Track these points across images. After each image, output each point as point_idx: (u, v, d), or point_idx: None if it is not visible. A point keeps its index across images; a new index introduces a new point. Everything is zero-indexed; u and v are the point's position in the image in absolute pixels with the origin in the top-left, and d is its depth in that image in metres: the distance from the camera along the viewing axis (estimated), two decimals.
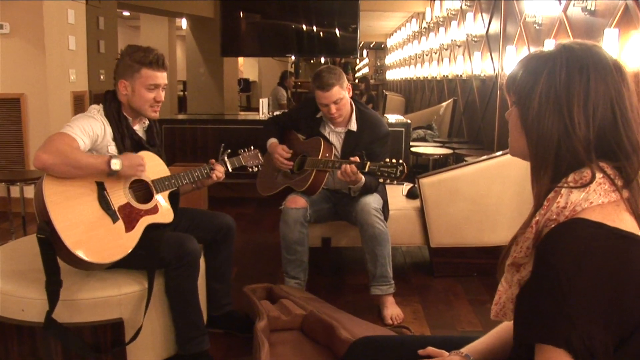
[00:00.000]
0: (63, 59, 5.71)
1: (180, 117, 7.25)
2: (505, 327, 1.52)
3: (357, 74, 22.46)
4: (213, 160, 2.87)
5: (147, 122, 2.77)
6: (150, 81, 2.60)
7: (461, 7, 7.87)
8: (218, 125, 6.22)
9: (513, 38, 5.67)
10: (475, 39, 7.13)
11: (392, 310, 3.33)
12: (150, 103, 2.63)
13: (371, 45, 22.53)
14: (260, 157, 3.18)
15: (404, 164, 3.05)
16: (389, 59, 18.26)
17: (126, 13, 12.27)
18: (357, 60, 22.13)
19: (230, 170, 2.93)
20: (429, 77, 10.15)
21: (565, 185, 1.17)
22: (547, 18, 4.83)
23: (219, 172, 2.83)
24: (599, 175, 1.16)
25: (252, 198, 5.75)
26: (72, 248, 2.23)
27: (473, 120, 7.31)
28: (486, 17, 6.78)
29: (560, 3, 4.54)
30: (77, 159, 2.31)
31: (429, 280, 3.96)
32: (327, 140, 3.48)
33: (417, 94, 11.94)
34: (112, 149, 2.56)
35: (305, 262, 3.45)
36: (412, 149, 6.11)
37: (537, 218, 1.20)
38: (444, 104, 8.14)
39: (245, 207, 5.80)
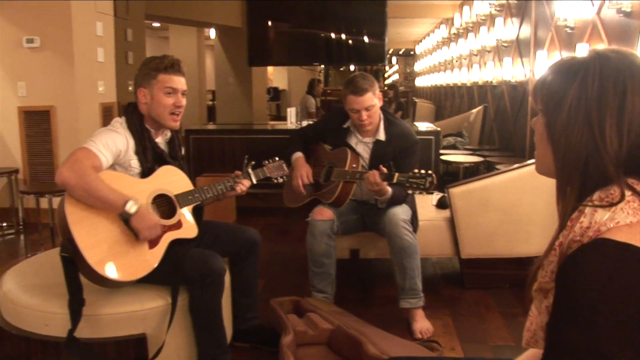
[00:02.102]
0: (91, 70, 5.75)
1: (209, 127, 7.25)
2: (534, 354, 1.43)
3: (387, 81, 22.37)
4: (238, 173, 2.83)
5: (168, 134, 2.74)
6: (167, 84, 2.57)
7: (491, 12, 7.76)
8: (246, 135, 6.19)
9: (544, 43, 5.56)
10: (506, 44, 7.02)
11: (422, 324, 3.25)
12: (170, 109, 2.59)
13: (400, 52, 22.45)
14: (285, 168, 3.12)
15: (433, 175, 2.97)
16: (418, 66, 18.15)
17: (156, 24, 12.37)
18: (387, 68, 22.05)
19: (254, 182, 2.89)
20: (459, 84, 10.04)
21: (590, 203, 1.08)
22: (579, 21, 4.71)
23: (242, 185, 2.79)
24: (627, 193, 1.07)
25: (281, 208, 5.65)
26: (95, 266, 2.20)
27: (504, 127, 7.18)
28: (516, 21, 6.66)
29: (593, 4, 4.42)
30: (97, 189, 2.28)
31: (460, 292, 3.87)
32: (354, 150, 3.41)
33: (447, 100, 11.82)
34: (135, 162, 2.53)
35: (332, 275, 3.39)
36: (442, 157, 6.01)
37: (560, 239, 1.11)
38: (474, 110, 8.02)
39: (273, 217, 5.76)
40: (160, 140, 2.70)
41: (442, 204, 4.03)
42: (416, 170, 3.00)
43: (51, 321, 2.38)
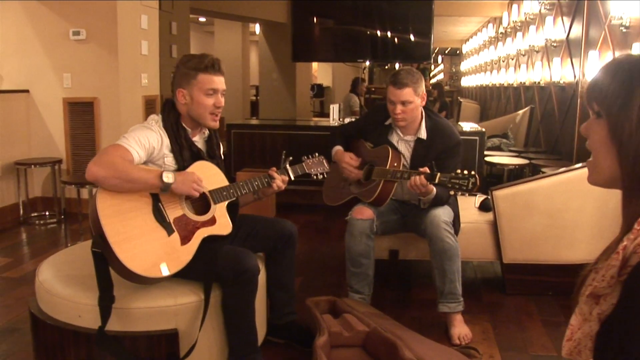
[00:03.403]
0: (135, 63, 5.79)
1: (251, 122, 7.24)
2: None
3: (432, 80, 22.17)
4: (274, 169, 2.77)
5: (207, 132, 2.70)
6: (208, 85, 2.53)
7: (540, 10, 7.56)
8: (288, 131, 6.15)
9: (596, 42, 5.37)
10: (555, 44, 6.82)
11: (460, 330, 3.16)
12: (211, 110, 2.56)
13: (446, 52, 22.17)
14: (326, 165, 3.05)
15: (476, 176, 2.88)
16: (464, 65, 17.90)
17: (202, 19, 12.46)
18: (432, 67, 21.83)
19: (292, 178, 2.83)
20: (505, 84, 9.83)
21: None
22: (635, 20, 4.53)
23: (279, 181, 2.73)
24: None
25: (321, 206, 5.61)
26: (126, 263, 2.17)
27: (551, 129, 6.99)
28: (567, 20, 6.46)
29: None
30: (128, 172, 2.26)
31: (501, 297, 3.75)
32: (395, 149, 3.34)
33: (492, 101, 11.60)
34: (169, 160, 2.50)
35: (370, 276, 3.32)
36: (486, 159, 5.87)
37: (624, 243, 1.05)
38: (521, 111, 7.83)
39: (313, 214, 5.71)
40: (198, 139, 2.66)
41: (485, 207, 3.92)
42: (459, 171, 2.91)
43: (84, 312, 2.36)
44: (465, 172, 2.89)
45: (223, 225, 2.50)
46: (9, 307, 3.52)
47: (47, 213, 5.66)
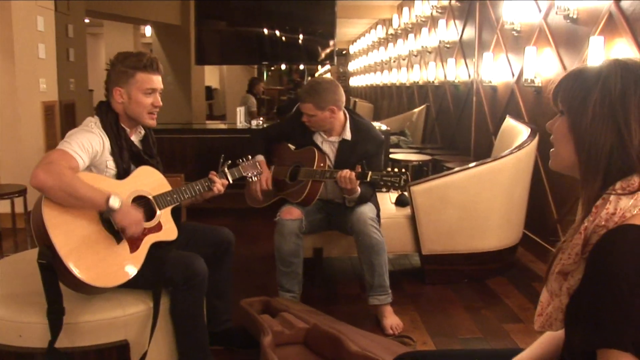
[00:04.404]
0: (33, 67, 5.53)
1: (158, 127, 7.08)
2: (549, 338, 1.52)
3: None
4: (213, 173, 2.77)
5: (142, 131, 2.67)
6: (146, 85, 2.50)
7: (432, 13, 7.91)
8: (195, 135, 6.10)
9: (489, 45, 5.72)
10: (448, 46, 7.18)
11: (392, 320, 3.29)
12: (149, 109, 2.53)
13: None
14: (259, 167, 3.09)
15: (407, 173, 3.02)
16: (352, 66, 18.32)
17: (86, 20, 12.03)
18: (319, 67, 22.10)
19: (231, 181, 2.85)
20: (397, 84, 10.19)
21: (614, 192, 1.20)
22: (526, 25, 4.87)
23: (219, 184, 2.74)
24: None
25: (230, 209, 5.64)
26: (77, 273, 2.11)
27: (447, 126, 7.35)
28: (459, 23, 6.82)
29: (540, 10, 4.58)
30: (76, 189, 2.18)
31: (421, 287, 3.94)
32: (320, 150, 3.42)
33: (384, 100, 11.98)
34: (111, 163, 2.44)
35: (300, 275, 3.40)
36: (391, 156, 6.09)
37: (585, 224, 1.22)
38: (417, 110, 8.17)
39: (223, 218, 5.67)
40: (135, 139, 2.62)
41: (401, 202, 4.09)
42: (389, 169, 3.04)
43: (25, 332, 2.26)
44: (396, 169, 3.02)
45: (169, 230, 2.48)
46: None
47: None
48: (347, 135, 3.42)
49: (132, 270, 2.29)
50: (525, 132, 4.11)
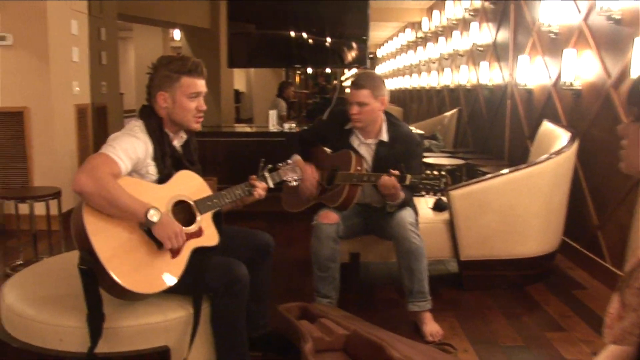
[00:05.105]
0: (67, 70, 5.57)
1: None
2: (617, 352, 1.43)
3: (345, 83, 22.39)
4: (254, 177, 2.73)
5: (184, 137, 2.64)
6: (191, 89, 2.47)
7: (464, 16, 7.83)
8: (229, 139, 6.09)
9: (525, 47, 5.62)
10: (481, 48, 7.08)
11: (431, 327, 3.23)
12: (193, 113, 2.50)
13: None
14: (298, 171, 3.03)
15: (448, 176, 2.96)
16: (379, 69, 18.24)
17: None
18: (345, 70, 22.04)
19: (272, 186, 2.80)
20: (427, 87, 10.10)
21: None
22: (564, 26, 4.77)
23: (260, 189, 2.70)
24: None
25: (264, 212, 5.59)
26: (118, 279, 2.08)
27: (479, 130, 7.25)
28: (493, 26, 6.73)
29: (579, 11, 4.48)
30: (117, 197, 2.15)
31: (459, 293, 3.87)
32: (357, 152, 3.37)
33: (412, 103, 11.89)
34: (152, 169, 2.41)
35: (337, 280, 3.35)
36: (424, 160, 6.01)
37: None
38: (448, 113, 8.07)
39: (258, 222, 5.63)
40: (177, 144, 2.59)
41: (439, 207, 4.01)
42: (428, 172, 2.99)
43: (66, 336, 2.24)
44: (435, 172, 2.97)
45: (210, 236, 2.44)
46: None
47: None
48: (384, 136, 3.36)
49: (173, 277, 2.26)
50: (564, 137, 4.03)
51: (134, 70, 12.48)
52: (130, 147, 2.31)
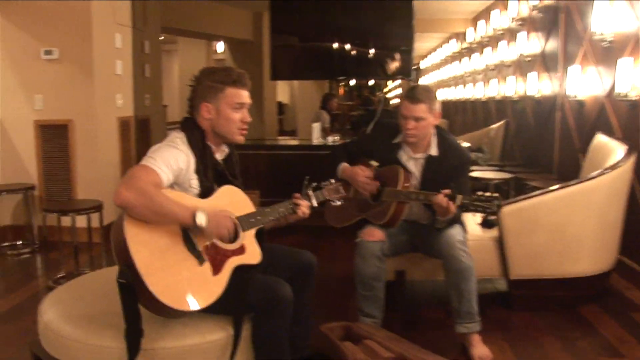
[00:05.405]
0: (110, 83, 5.60)
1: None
2: None
3: (389, 95, 22.31)
4: (297, 195, 2.64)
5: (226, 150, 2.57)
6: (236, 100, 2.41)
7: (510, 26, 7.64)
8: (270, 151, 6.03)
9: (575, 57, 5.43)
10: (529, 59, 6.89)
11: (480, 350, 3.08)
12: (238, 125, 2.44)
13: None
14: (342, 191, 2.91)
15: (500, 197, 2.82)
16: (423, 81, 18.06)
17: (160, 37, 12.29)
18: (388, 82, 21.94)
19: (315, 205, 2.70)
20: (472, 99, 9.92)
21: None
22: (619, 34, 4.58)
23: (305, 207, 2.61)
24: None
25: (304, 226, 5.51)
26: (158, 295, 2.01)
27: (527, 143, 7.05)
28: (541, 35, 6.54)
29: (637, 18, 4.29)
30: (161, 205, 2.09)
31: (508, 314, 3.70)
32: (405, 168, 3.25)
33: (457, 115, 11.71)
34: (194, 182, 2.35)
35: (381, 299, 3.23)
36: (470, 174, 5.85)
37: None
38: (495, 125, 7.88)
39: (300, 236, 5.55)
40: (218, 157, 2.52)
41: (487, 223, 3.86)
42: (480, 192, 2.85)
43: (103, 355, 2.18)
44: (488, 193, 2.83)
45: (253, 253, 2.36)
46: None
47: (19, 242, 5.39)
48: (434, 151, 3.24)
49: (214, 294, 2.17)
50: (619, 150, 3.84)
51: (178, 83, 12.61)
52: (171, 157, 2.26)
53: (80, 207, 4.29)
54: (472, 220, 3.97)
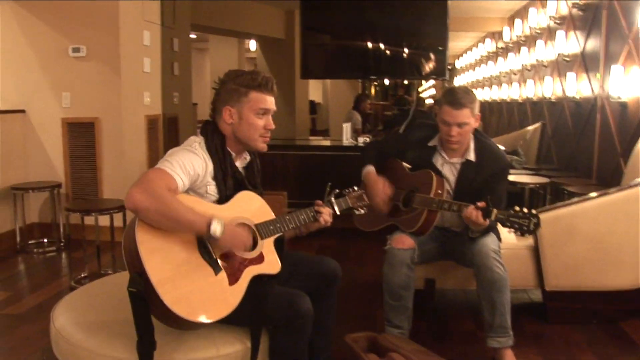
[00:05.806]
0: (138, 81, 5.54)
1: None
2: None
3: (423, 95, 22.08)
4: (319, 202, 2.51)
5: (248, 158, 2.45)
6: (260, 105, 2.30)
7: (548, 25, 7.39)
8: (300, 152, 5.91)
9: (618, 56, 5.19)
10: (568, 59, 6.64)
11: None
12: (260, 132, 2.32)
13: None
14: (365, 198, 2.77)
15: (538, 215, 2.65)
16: (457, 81, 17.78)
17: (193, 35, 12.27)
18: (422, 82, 21.69)
19: (338, 213, 2.57)
20: (508, 100, 9.66)
21: None
22: None
23: (327, 215, 2.48)
24: None
25: (332, 228, 5.37)
26: (170, 305, 1.90)
27: (565, 146, 6.80)
28: (581, 34, 6.29)
29: None
30: (176, 211, 1.99)
31: (543, 327, 3.52)
32: (439, 173, 3.09)
33: (492, 116, 11.44)
34: (212, 189, 2.25)
35: (410, 309, 3.08)
36: None
37: None
38: (531, 127, 7.63)
39: (325, 239, 5.41)
40: (239, 165, 2.40)
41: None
42: (517, 208, 2.69)
43: None
44: (525, 210, 2.67)
45: (272, 263, 2.24)
46: (14, 349, 3.21)
47: (45, 240, 5.36)
48: (471, 156, 3.08)
49: (230, 305, 2.06)
50: None
51: (209, 81, 12.59)
52: (188, 162, 2.15)
53: (103, 207, 4.24)
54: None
